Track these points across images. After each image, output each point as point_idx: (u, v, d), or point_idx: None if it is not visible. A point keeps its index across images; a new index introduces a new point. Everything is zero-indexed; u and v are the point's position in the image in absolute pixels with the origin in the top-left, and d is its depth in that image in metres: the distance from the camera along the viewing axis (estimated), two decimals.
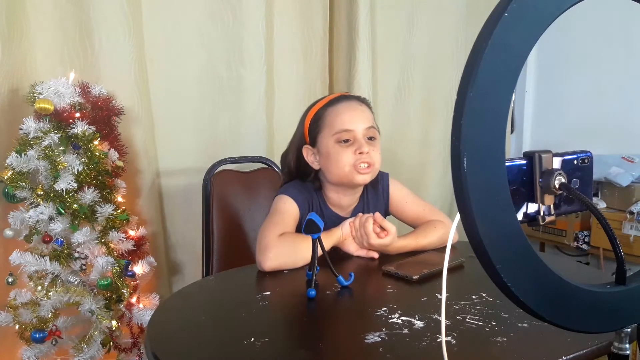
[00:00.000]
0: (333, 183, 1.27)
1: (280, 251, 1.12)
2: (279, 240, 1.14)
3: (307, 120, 1.28)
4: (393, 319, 0.85)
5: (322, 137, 1.25)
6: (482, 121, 0.41)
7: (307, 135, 1.28)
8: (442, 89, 2.40)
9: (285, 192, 1.27)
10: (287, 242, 1.14)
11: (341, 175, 1.24)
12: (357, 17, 2.08)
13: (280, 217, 1.21)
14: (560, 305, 0.46)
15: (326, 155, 1.24)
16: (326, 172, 1.26)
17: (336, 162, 1.22)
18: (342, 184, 1.27)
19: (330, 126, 1.23)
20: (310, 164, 1.28)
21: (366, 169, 1.23)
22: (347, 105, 1.26)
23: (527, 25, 0.42)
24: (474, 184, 0.41)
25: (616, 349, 0.53)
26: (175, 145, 1.88)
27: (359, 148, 1.21)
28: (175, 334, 0.86)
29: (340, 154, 1.22)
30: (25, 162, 1.41)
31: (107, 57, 1.67)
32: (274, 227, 1.17)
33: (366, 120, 1.25)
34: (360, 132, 1.23)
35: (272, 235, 1.15)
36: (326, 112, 1.25)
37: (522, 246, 0.44)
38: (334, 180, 1.26)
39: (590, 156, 0.59)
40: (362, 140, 1.22)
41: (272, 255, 1.11)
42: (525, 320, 0.83)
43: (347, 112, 1.24)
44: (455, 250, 1.23)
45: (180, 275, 1.95)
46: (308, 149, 1.28)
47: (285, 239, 1.15)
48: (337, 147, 1.22)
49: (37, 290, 1.44)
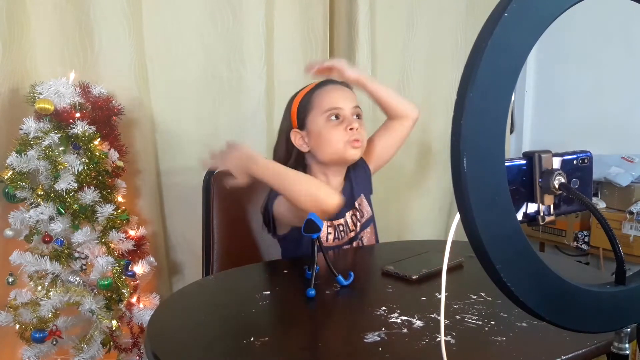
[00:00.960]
0: (324, 162, 1.30)
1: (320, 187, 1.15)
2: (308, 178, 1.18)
3: (294, 106, 1.32)
4: (392, 318, 0.85)
5: (311, 117, 1.29)
6: (482, 121, 0.41)
7: (295, 119, 1.31)
8: (442, 89, 2.39)
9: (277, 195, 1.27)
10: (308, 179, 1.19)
11: (333, 152, 1.27)
12: (357, 17, 2.08)
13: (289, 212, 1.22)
14: (559, 305, 0.46)
15: (317, 134, 1.28)
16: (318, 151, 1.29)
17: (328, 139, 1.26)
18: (334, 161, 1.30)
19: (320, 106, 1.28)
20: (299, 147, 1.30)
21: (358, 143, 1.27)
22: (334, 86, 1.32)
23: (527, 25, 0.42)
24: (474, 184, 0.41)
25: (616, 349, 0.53)
26: (175, 145, 1.87)
27: (350, 124, 1.26)
28: (175, 334, 0.86)
29: (332, 131, 1.26)
30: (25, 162, 1.41)
31: (107, 57, 1.67)
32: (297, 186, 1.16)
33: (353, 100, 1.31)
34: (349, 110, 1.28)
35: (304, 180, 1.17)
36: (314, 94, 1.30)
37: (522, 246, 0.44)
38: (326, 159, 1.29)
39: (590, 156, 0.59)
40: (351, 117, 1.28)
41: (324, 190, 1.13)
42: (525, 319, 0.83)
43: (335, 92, 1.30)
44: (454, 250, 1.23)
45: (180, 275, 1.95)
46: (296, 132, 1.31)
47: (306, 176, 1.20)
48: (328, 125, 1.26)
49: (37, 290, 1.44)
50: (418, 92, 2.35)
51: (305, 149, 1.30)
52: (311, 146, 1.30)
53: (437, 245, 1.31)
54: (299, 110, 1.31)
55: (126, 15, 1.67)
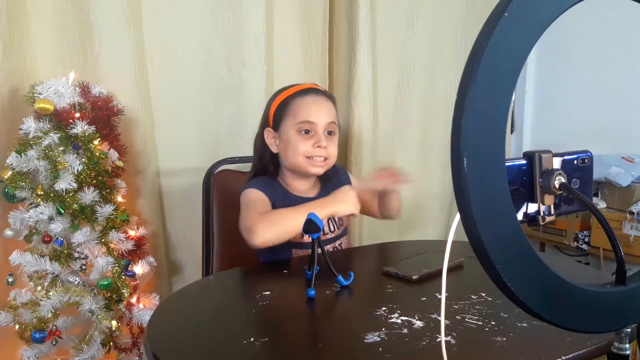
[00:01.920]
0: (288, 169, 1.34)
1: (267, 225, 1.15)
2: (261, 217, 1.18)
3: (273, 105, 1.35)
4: (392, 318, 0.85)
5: (284, 124, 1.31)
6: (482, 121, 0.41)
7: (271, 119, 1.34)
8: (442, 89, 2.39)
9: (251, 185, 1.32)
10: (271, 217, 1.19)
11: (295, 164, 1.31)
12: (357, 17, 2.08)
13: (255, 204, 1.25)
14: (560, 305, 0.46)
15: (286, 142, 1.31)
16: (283, 157, 1.34)
17: (293, 150, 1.29)
18: (296, 171, 1.34)
19: (294, 115, 1.30)
20: (269, 147, 1.34)
21: (321, 162, 1.31)
22: (314, 98, 1.33)
23: (527, 25, 0.42)
24: (474, 184, 0.41)
25: (616, 349, 0.53)
26: (175, 145, 1.87)
27: (318, 142, 1.29)
28: (175, 334, 0.86)
29: (299, 143, 1.29)
30: (25, 162, 1.41)
31: (107, 57, 1.67)
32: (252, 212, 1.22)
33: (329, 115, 1.32)
34: (322, 126, 1.30)
35: (254, 216, 1.19)
36: (293, 100, 1.32)
37: (522, 246, 0.44)
38: (289, 166, 1.33)
39: (590, 156, 0.59)
40: (321, 134, 1.30)
41: (260, 230, 1.14)
42: (525, 320, 0.83)
43: (312, 105, 1.31)
44: (454, 250, 1.23)
45: (180, 275, 1.95)
46: (269, 131, 1.34)
47: (268, 215, 1.20)
48: (297, 136, 1.30)
49: (37, 290, 1.44)
50: (418, 92, 2.35)
51: (275, 150, 1.35)
52: (279, 149, 1.34)
53: (437, 245, 1.31)
54: (276, 111, 1.34)
55: (126, 15, 1.67)
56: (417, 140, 2.40)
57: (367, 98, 2.14)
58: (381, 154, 2.24)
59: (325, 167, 1.33)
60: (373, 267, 1.16)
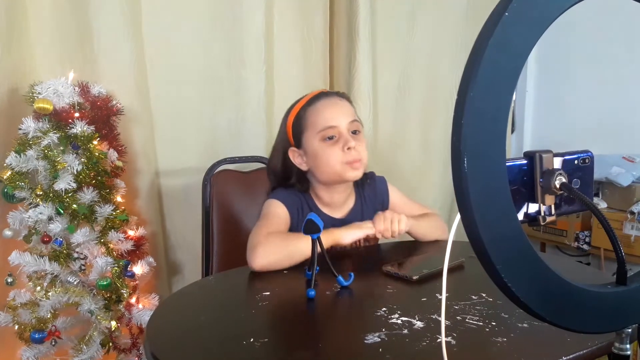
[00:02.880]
0: (323, 182, 1.26)
1: (270, 249, 1.10)
2: (267, 238, 1.12)
3: (289, 122, 1.27)
4: (393, 319, 0.85)
5: (306, 137, 1.23)
6: (482, 121, 0.41)
7: (291, 137, 1.26)
8: (442, 89, 2.39)
9: (274, 196, 1.26)
10: (277, 240, 1.13)
11: (332, 173, 1.22)
12: (357, 17, 2.08)
13: (270, 220, 1.20)
14: (560, 305, 0.46)
15: (314, 155, 1.23)
16: (316, 171, 1.25)
17: (326, 161, 1.21)
18: (334, 181, 1.26)
19: (314, 125, 1.22)
20: (299, 166, 1.26)
21: (357, 163, 1.21)
22: (327, 101, 1.24)
23: (528, 25, 0.42)
24: (474, 184, 0.41)
25: (617, 350, 0.53)
26: (175, 145, 1.87)
27: (346, 143, 1.20)
28: (174, 335, 0.86)
29: (328, 152, 1.21)
30: (24, 162, 1.41)
31: (107, 57, 1.67)
32: (263, 229, 1.17)
33: (348, 115, 1.24)
34: (345, 127, 1.22)
35: (261, 234, 1.14)
36: (307, 111, 1.24)
37: (523, 246, 0.44)
38: (325, 179, 1.25)
39: (591, 156, 0.59)
40: (347, 135, 1.21)
41: (261, 253, 1.09)
42: (526, 320, 0.82)
43: (328, 109, 1.23)
44: (455, 251, 1.23)
45: (180, 275, 1.95)
46: (294, 151, 1.26)
47: (274, 237, 1.14)
48: (323, 145, 1.21)
49: (36, 290, 1.44)
50: (418, 92, 2.35)
51: (305, 168, 1.26)
52: (309, 166, 1.25)
53: (438, 245, 1.31)
54: (293, 127, 1.26)
55: (126, 15, 1.67)
56: (417, 140, 2.40)
57: (367, 98, 2.14)
58: (381, 154, 2.24)
59: (362, 168, 1.23)
60: (373, 267, 1.16)
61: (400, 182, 2.37)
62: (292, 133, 1.26)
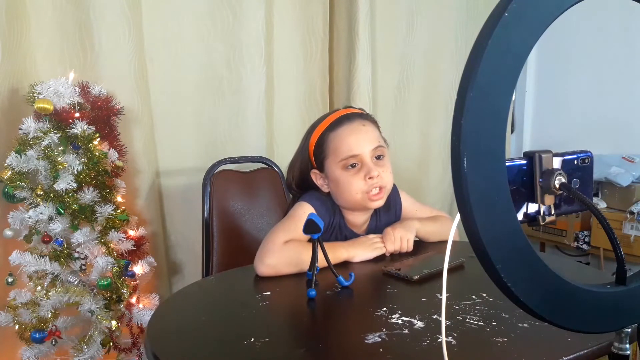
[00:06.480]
0: (345, 208, 1.25)
1: (280, 260, 1.08)
2: (282, 246, 1.10)
3: (311, 145, 1.24)
4: (393, 319, 0.85)
5: (328, 163, 1.21)
6: (482, 121, 0.41)
7: (314, 160, 1.24)
8: (442, 89, 2.40)
9: (308, 200, 1.22)
10: (290, 253, 1.10)
11: (353, 202, 1.21)
12: (357, 17, 2.08)
13: (294, 224, 1.15)
14: (560, 305, 0.46)
15: (335, 182, 1.20)
16: (338, 197, 1.23)
17: (348, 189, 1.19)
18: (355, 209, 1.24)
19: (335, 152, 1.19)
20: (321, 187, 1.24)
21: (379, 194, 1.19)
22: (350, 127, 1.20)
23: (527, 25, 0.42)
24: (474, 184, 0.41)
25: (616, 349, 0.53)
26: (175, 145, 1.88)
27: (368, 173, 1.17)
28: (175, 334, 0.86)
29: (350, 181, 1.18)
30: (24, 162, 1.41)
31: (107, 57, 1.67)
32: (283, 233, 1.13)
33: (372, 141, 1.20)
34: (368, 155, 1.18)
35: (278, 240, 1.11)
36: (329, 137, 1.20)
37: (523, 246, 0.44)
38: (347, 206, 1.24)
39: (591, 156, 0.59)
40: (370, 163, 1.18)
41: (270, 261, 1.08)
42: (526, 320, 0.82)
43: (350, 136, 1.19)
44: (455, 251, 1.23)
45: (180, 275, 1.95)
46: (316, 173, 1.24)
47: (289, 248, 1.10)
48: (345, 174, 1.18)
49: (36, 290, 1.44)
50: (418, 93, 2.35)
51: (326, 190, 1.24)
52: (331, 190, 1.23)
53: (438, 245, 1.31)
54: (315, 151, 1.23)
55: (126, 15, 1.67)
56: (417, 139, 2.40)
57: (367, 98, 2.14)
58: None
59: (384, 196, 1.21)
60: (374, 267, 1.16)
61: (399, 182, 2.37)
62: (314, 156, 1.24)
